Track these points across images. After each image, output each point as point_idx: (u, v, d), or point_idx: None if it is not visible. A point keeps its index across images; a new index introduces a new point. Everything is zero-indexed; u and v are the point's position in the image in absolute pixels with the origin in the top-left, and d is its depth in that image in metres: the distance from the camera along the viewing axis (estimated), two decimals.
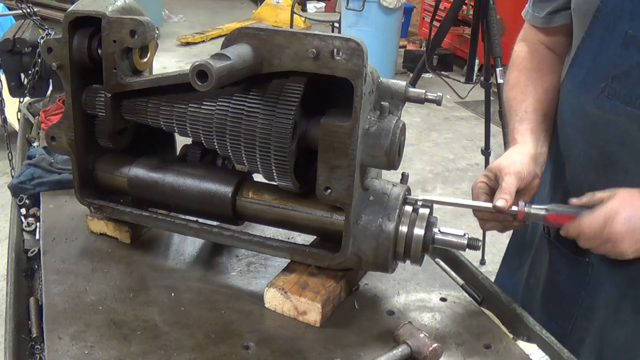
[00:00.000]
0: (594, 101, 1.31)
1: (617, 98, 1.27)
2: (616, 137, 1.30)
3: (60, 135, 1.41)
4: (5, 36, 2.34)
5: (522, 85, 1.51)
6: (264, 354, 1.17)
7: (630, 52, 1.24)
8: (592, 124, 1.34)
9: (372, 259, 1.25)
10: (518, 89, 1.51)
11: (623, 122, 1.27)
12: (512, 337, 1.27)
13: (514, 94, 1.52)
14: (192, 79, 1.02)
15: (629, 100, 1.25)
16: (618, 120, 1.28)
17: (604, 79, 1.28)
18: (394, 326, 1.23)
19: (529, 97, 1.47)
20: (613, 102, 1.27)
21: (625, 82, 1.25)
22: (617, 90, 1.27)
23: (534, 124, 1.44)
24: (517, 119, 1.47)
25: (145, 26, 1.31)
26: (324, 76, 1.15)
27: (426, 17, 7.87)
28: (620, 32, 1.24)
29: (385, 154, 1.19)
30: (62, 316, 1.24)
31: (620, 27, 1.24)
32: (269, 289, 1.29)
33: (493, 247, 4.20)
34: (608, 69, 1.28)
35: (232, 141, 1.24)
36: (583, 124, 1.36)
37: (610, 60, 1.27)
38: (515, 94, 1.51)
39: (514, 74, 1.55)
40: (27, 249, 1.55)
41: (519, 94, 1.50)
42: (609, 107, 1.28)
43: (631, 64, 1.24)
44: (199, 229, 1.38)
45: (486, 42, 3.63)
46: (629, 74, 1.25)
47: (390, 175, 1.34)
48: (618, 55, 1.25)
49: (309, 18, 8.82)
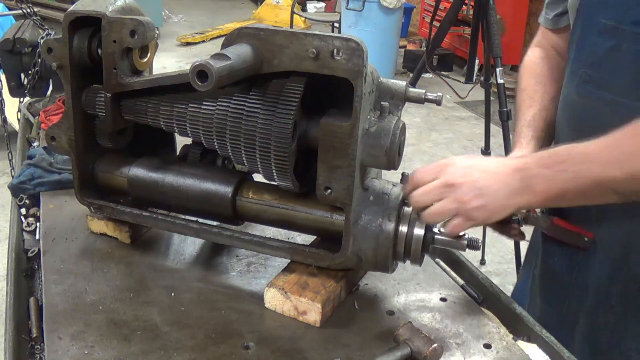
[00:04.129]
0: (576, 89, 1.38)
1: (591, 83, 1.34)
2: (590, 121, 1.35)
3: (60, 135, 1.41)
4: (5, 36, 2.34)
5: (530, 90, 1.57)
6: (264, 354, 1.17)
7: (602, 40, 1.30)
8: (573, 109, 1.41)
9: (372, 259, 1.25)
10: (526, 93, 1.58)
11: (596, 106, 1.33)
12: (512, 337, 1.27)
13: (522, 98, 1.58)
14: (192, 79, 1.02)
15: (600, 85, 1.32)
16: (592, 105, 1.34)
17: (582, 66, 1.36)
18: (394, 326, 1.23)
19: (536, 104, 1.54)
20: (588, 87, 1.34)
21: (599, 68, 1.32)
22: (592, 76, 1.34)
23: (538, 131, 1.50)
24: (524, 124, 1.52)
25: (145, 26, 1.31)
26: (324, 76, 1.15)
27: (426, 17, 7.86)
28: (597, 22, 1.31)
29: (385, 154, 1.19)
30: (62, 316, 1.24)
31: (596, 18, 1.31)
32: (269, 289, 1.29)
33: (493, 247, 4.20)
34: (586, 57, 1.35)
35: (232, 141, 1.24)
36: (568, 112, 1.43)
37: (588, 49, 1.34)
38: (524, 98, 1.58)
39: (525, 77, 1.61)
40: (27, 249, 1.55)
41: (528, 98, 1.57)
42: (586, 93, 1.35)
43: (604, 51, 1.30)
44: (199, 229, 1.38)
45: (486, 42, 3.63)
46: (601, 60, 1.31)
47: (390, 175, 1.34)
48: (594, 43, 1.32)
49: (309, 18, 8.82)
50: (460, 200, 1.17)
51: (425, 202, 1.20)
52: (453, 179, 1.18)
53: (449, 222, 1.20)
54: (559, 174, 1.17)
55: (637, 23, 1.23)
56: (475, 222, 1.19)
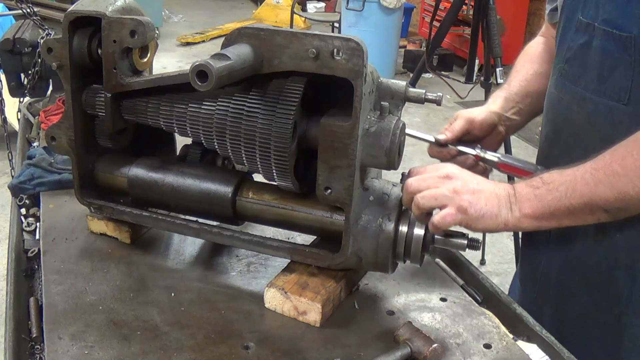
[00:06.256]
0: (554, 82, 1.43)
1: (566, 78, 1.38)
2: (562, 114, 1.40)
3: (60, 135, 1.41)
4: (5, 36, 2.34)
5: (519, 66, 1.65)
6: (264, 354, 1.17)
7: (578, 36, 1.34)
8: (551, 102, 1.45)
9: (372, 259, 1.25)
10: (515, 69, 1.65)
11: (568, 99, 1.38)
12: (512, 337, 1.27)
13: (511, 72, 1.66)
14: (192, 79, 1.02)
15: (573, 80, 1.36)
16: (565, 99, 1.39)
17: (560, 61, 1.40)
18: (394, 326, 1.23)
19: (519, 75, 1.62)
20: (564, 81, 1.39)
21: (573, 63, 1.36)
22: (567, 71, 1.38)
23: (510, 93, 1.59)
24: (499, 88, 1.63)
25: (145, 26, 1.30)
26: (324, 76, 1.15)
27: (426, 17, 7.86)
28: (575, 19, 1.35)
29: (385, 154, 1.19)
30: (62, 316, 1.24)
31: (575, 15, 1.35)
32: (269, 289, 1.29)
33: (493, 247, 4.20)
34: (564, 53, 1.39)
35: (232, 141, 1.24)
36: (547, 104, 1.48)
37: (567, 45, 1.38)
38: (512, 72, 1.66)
39: (520, 57, 1.69)
40: (27, 249, 1.55)
41: (514, 71, 1.65)
42: (561, 87, 1.40)
43: (578, 46, 1.34)
44: (199, 229, 1.38)
45: (486, 42, 3.64)
46: (576, 55, 1.35)
47: (390, 175, 1.34)
48: (571, 39, 1.36)
49: (309, 18, 8.82)
50: (455, 191, 1.19)
51: (421, 187, 1.21)
52: (451, 172, 1.23)
53: (439, 211, 1.21)
54: (548, 193, 1.18)
55: (607, 21, 1.26)
56: (466, 219, 1.19)
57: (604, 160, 1.16)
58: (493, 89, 3.69)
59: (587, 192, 1.16)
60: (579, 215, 1.19)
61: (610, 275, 1.34)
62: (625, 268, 1.32)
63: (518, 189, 1.21)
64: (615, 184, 1.14)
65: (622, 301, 1.33)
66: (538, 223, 1.20)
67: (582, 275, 1.40)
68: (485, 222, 1.19)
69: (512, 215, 1.19)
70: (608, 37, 1.25)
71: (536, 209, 1.18)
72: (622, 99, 1.25)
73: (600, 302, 1.38)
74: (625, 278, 1.32)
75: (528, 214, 1.19)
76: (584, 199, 1.16)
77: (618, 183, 1.13)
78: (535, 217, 1.19)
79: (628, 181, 1.13)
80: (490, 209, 1.18)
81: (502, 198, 1.20)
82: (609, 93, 1.27)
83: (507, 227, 1.20)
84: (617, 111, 1.26)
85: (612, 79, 1.26)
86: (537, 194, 1.19)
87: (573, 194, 1.16)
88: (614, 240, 1.31)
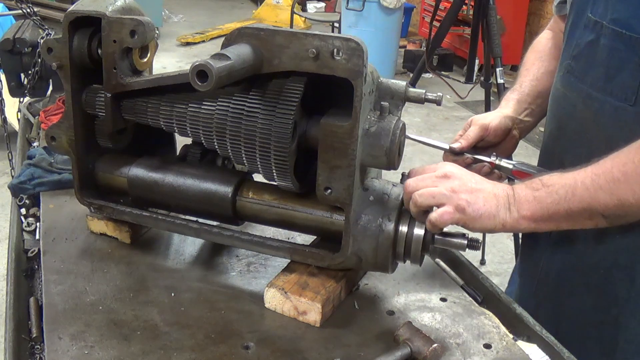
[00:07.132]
0: (560, 79, 1.43)
1: (573, 75, 1.38)
2: (567, 111, 1.40)
3: (60, 135, 1.41)
4: (5, 36, 2.34)
5: (529, 63, 1.65)
6: (264, 354, 1.17)
7: (586, 33, 1.33)
8: (556, 98, 1.45)
9: (372, 259, 1.25)
10: (524, 66, 1.66)
11: (574, 97, 1.38)
12: (512, 337, 1.27)
13: (520, 70, 1.66)
14: (192, 79, 1.02)
15: (580, 77, 1.36)
16: (571, 96, 1.39)
17: (567, 57, 1.40)
18: (394, 326, 1.23)
19: (529, 74, 1.61)
20: (570, 78, 1.39)
21: (580, 60, 1.36)
22: (574, 68, 1.38)
23: (522, 95, 1.59)
24: (511, 90, 1.62)
25: (145, 26, 1.31)
26: (324, 76, 1.15)
27: (426, 17, 7.86)
28: (585, 16, 1.34)
29: (385, 154, 1.19)
30: (62, 316, 1.24)
31: (585, 12, 1.34)
32: (269, 289, 1.29)
33: (493, 247, 4.21)
34: (572, 50, 1.39)
35: (232, 141, 1.24)
36: (552, 100, 1.48)
37: (575, 41, 1.37)
38: (522, 70, 1.66)
39: (528, 54, 1.70)
40: (27, 249, 1.55)
41: (524, 70, 1.64)
42: (567, 84, 1.40)
43: (586, 44, 1.34)
44: (199, 229, 1.38)
45: (486, 42, 3.64)
46: (583, 52, 1.35)
47: (391, 175, 1.34)
48: (579, 36, 1.36)
49: (309, 18, 8.83)
50: (453, 190, 1.19)
51: (419, 186, 1.21)
52: (449, 172, 1.22)
53: (437, 210, 1.21)
54: (547, 195, 1.18)
55: (617, 20, 1.25)
56: (464, 218, 1.19)
57: (605, 165, 1.16)
58: (493, 89, 3.71)
59: (587, 197, 1.15)
60: (577, 220, 1.19)
61: (610, 276, 1.34)
62: (625, 269, 1.32)
63: (517, 190, 1.21)
64: (615, 191, 1.13)
65: (620, 302, 1.33)
66: (536, 225, 1.20)
67: (581, 274, 1.40)
68: (483, 222, 1.19)
69: (511, 216, 1.19)
70: (617, 37, 1.25)
71: (535, 211, 1.18)
72: (629, 100, 1.24)
73: (598, 302, 1.38)
74: (624, 279, 1.32)
75: (526, 216, 1.19)
76: (583, 203, 1.16)
77: (618, 190, 1.13)
78: (534, 219, 1.19)
79: (628, 188, 1.13)
80: (488, 209, 1.18)
81: (500, 198, 1.20)
82: (616, 93, 1.26)
83: (505, 228, 1.20)
84: (623, 111, 1.26)
85: (619, 78, 1.25)
86: (536, 196, 1.19)
87: (572, 198, 1.16)
88: (615, 241, 1.31)
